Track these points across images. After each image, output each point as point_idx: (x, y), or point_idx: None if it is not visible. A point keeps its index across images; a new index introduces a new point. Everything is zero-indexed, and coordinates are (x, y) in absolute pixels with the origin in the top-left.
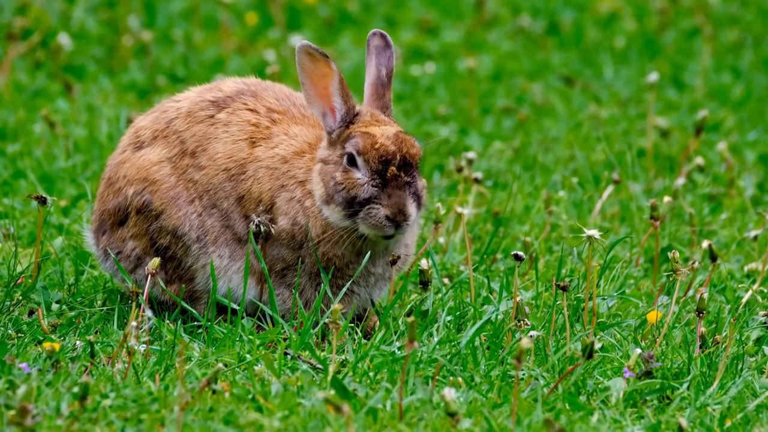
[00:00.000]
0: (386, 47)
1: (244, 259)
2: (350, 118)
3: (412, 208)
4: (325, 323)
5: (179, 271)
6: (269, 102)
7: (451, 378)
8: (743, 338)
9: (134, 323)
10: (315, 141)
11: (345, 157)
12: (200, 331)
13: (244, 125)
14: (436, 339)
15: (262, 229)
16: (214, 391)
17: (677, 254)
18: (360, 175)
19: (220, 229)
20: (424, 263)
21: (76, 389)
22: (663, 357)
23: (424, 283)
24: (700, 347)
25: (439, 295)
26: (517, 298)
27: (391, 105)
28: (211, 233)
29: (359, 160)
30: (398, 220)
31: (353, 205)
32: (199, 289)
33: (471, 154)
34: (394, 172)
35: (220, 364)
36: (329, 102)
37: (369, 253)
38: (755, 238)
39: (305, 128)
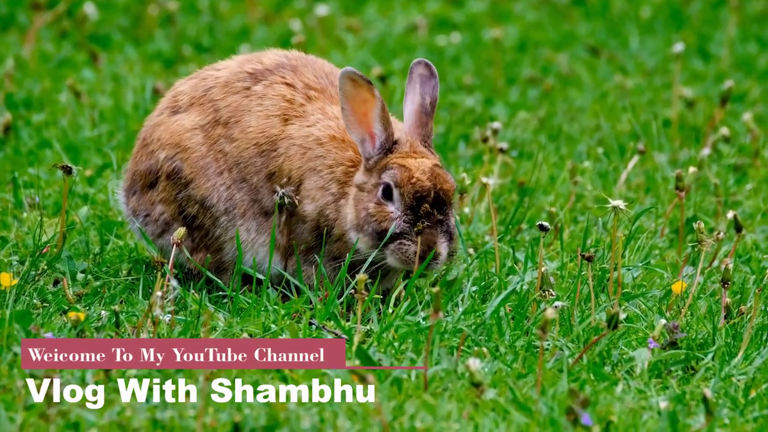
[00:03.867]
0: (431, 76)
1: (269, 232)
2: (389, 145)
3: (442, 247)
4: (350, 293)
5: (206, 241)
6: (308, 78)
7: (475, 348)
8: None
9: (159, 293)
10: None
11: (380, 188)
12: (225, 301)
13: (278, 100)
14: (461, 309)
15: (287, 200)
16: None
17: (702, 225)
18: (393, 209)
19: (249, 203)
20: None
21: None
22: (688, 327)
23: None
24: (725, 318)
25: (464, 266)
26: (542, 269)
27: (432, 134)
28: (240, 206)
29: (395, 193)
30: (428, 258)
31: (383, 238)
32: (226, 260)
33: (496, 124)
34: (428, 209)
35: (245, 334)
36: (369, 128)
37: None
38: None
39: None
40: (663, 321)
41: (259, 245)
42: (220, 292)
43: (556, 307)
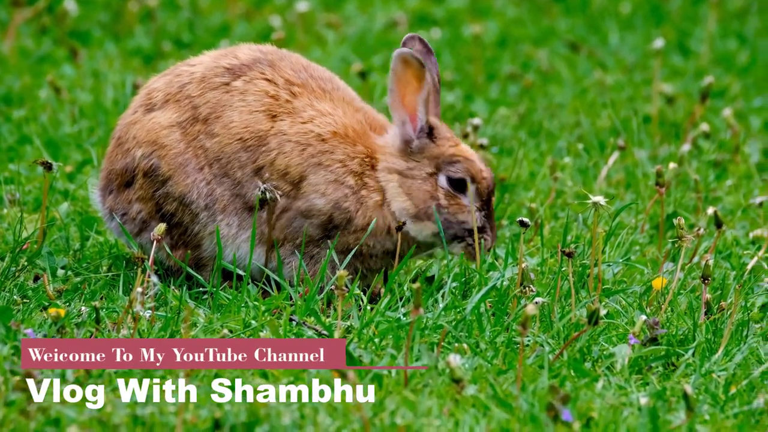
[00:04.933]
0: (429, 52)
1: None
2: (427, 129)
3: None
4: (331, 289)
5: (185, 238)
6: (287, 73)
7: (456, 344)
8: (748, 305)
9: (139, 289)
10: (360, 128)
11: (443, 178)
12: (206, 297)
13: (261, 96)
14: (441, 305)
15: (268, 195)
16: None
17: (682, 221)
18: (467, 202)
19: (230, 198)
20: None
21: None
22: (668, 324)
23: None
24: (705, 314)
25: (445, 262)
26: (523, 265)
27: (439, 111)
28: (220, 202)
29: (471, 188)
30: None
31: (457, 230)
32: (205, 256)
33: (476, 120)
34: (494, 202)
35: (226, 330)
36: (411, 111)
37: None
38: (760, 204)
39: (336, 107)
40: (643, 317)
41: (242, 241)
42: (201, 288)
43: (536, 303)
